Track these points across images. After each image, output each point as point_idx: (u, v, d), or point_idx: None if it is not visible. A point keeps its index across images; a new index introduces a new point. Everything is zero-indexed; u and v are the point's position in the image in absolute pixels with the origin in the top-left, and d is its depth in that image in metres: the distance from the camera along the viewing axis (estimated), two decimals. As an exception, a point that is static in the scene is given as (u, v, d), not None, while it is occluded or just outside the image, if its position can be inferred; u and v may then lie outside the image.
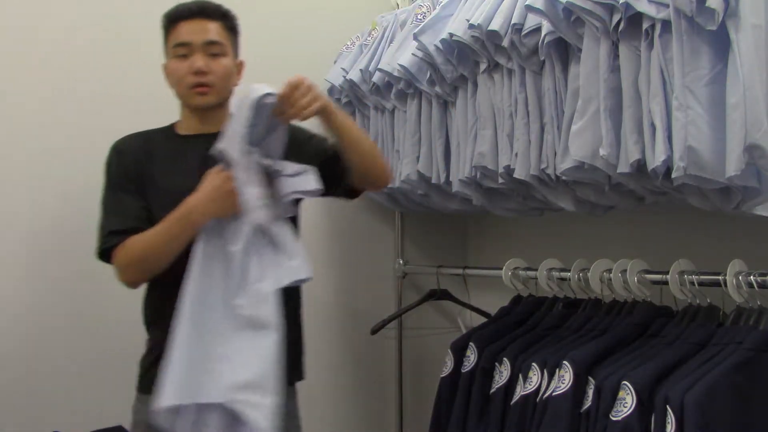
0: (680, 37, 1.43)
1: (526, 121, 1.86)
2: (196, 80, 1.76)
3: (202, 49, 1.76)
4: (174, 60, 1.78)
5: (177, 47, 1.77)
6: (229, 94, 1.83)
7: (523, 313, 2.05)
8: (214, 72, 1.77)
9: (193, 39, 1.76)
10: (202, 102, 1.79)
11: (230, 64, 1.81)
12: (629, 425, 1.48)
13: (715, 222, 1.81)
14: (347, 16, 2.64)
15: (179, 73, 1.77)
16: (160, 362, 1.65)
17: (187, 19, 1.77)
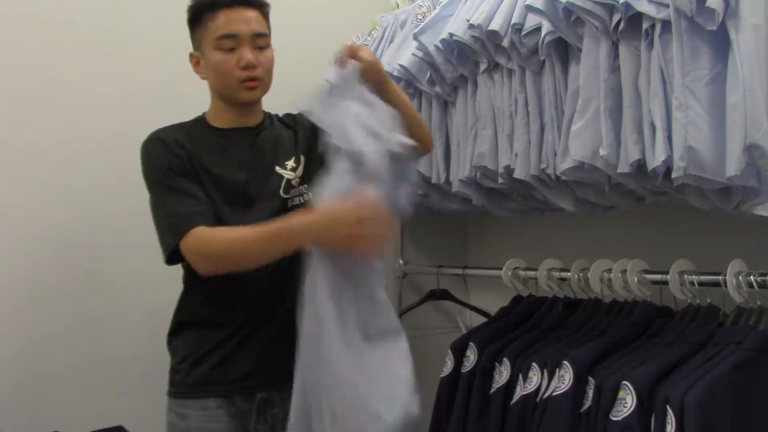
0: (680, 37, 1.43)
1: (526, 121, 1.86)
2: (247, 74, 1.69)
3: (250, 41, 1.69)
4: (218, 52, 1.69)
5: (223, 39, 1.68)
6: (270, 85, 1.79)
7: (523, 313, 2.05)
8: (262, 65, 1.71)
9: (241, 30, 1.68)
10: (251, 97, 1.74)
11: (273, 55, 1.76)
12: (629, 425, 1.48)
13: (715, 222, 1.81)
14: (347, 16, 2.64)
15: (226, 67, 1.69)
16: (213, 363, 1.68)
17: (229, 7, 1.68)
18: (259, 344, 1.72)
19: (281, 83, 2.53)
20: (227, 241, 1.61)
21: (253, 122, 1.79)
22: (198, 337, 1.73)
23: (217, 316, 1.73)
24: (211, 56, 1.70)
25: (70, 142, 2.19)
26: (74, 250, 2.17)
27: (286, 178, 1.76)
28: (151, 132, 1.75)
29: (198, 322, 1.74)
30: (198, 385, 1.70)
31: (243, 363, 1.71)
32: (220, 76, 1.71)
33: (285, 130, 1.85)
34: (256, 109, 1.80)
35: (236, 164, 1.74)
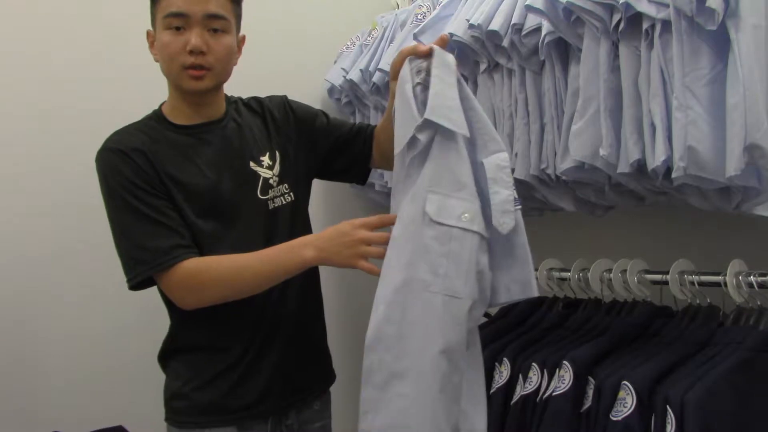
0: (680, 37, 1.43)
1: (526, 121, 1.86)
2: (192, 61, 1.49)
3: (202, 23, 1.49)
4: (165, 32, 1.50)
5: (170, 17, 1.49)
6: (227, 77, 1.60)
7: (523, 313, 2.04)
8: (213, 52, 1.51)
9: (191, 10, 1.48)
10: (196, 87, 1.53)
11: (232, 42, 1.55)
12: (629, 425, 1.48)
13: (715, 222, 1.81)
14: (347, 16, 2.64)
15: (171, 50, 1.50)
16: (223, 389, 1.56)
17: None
18: (269, 364, 1.61)
19: (281, 83, 2.54)
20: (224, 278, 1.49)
21: (216, 114, 1.60)
22: (202, 360, 1.59)
23: (219, 338, 1.59)
24: (160, 36, 1.52)
25: (70, 149, 2.18)
26: (74, 251, 2.17)
27: (262, 177, 1.60)
28: (105, 139, 1.56)
29: (199, 346, 1.60)
30: (206, 413, 1.57)
31: (255, 386, 1.60)
32: (165, 60, 1.52)
33: (254, 119, 1.66)
34: (217, 99, 1.61)
35: (203, 167, 1.56)
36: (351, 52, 2.52)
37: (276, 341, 1.63)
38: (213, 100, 1.60)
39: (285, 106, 1.74)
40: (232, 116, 1.65)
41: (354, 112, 2.55)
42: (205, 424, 1.56)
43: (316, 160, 1.75)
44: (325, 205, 2.60)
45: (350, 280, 2.50)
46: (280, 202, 1.64)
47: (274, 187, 1.63)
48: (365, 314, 1.41)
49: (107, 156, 1.53)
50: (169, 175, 1.54)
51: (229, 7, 1.54)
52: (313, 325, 1.73)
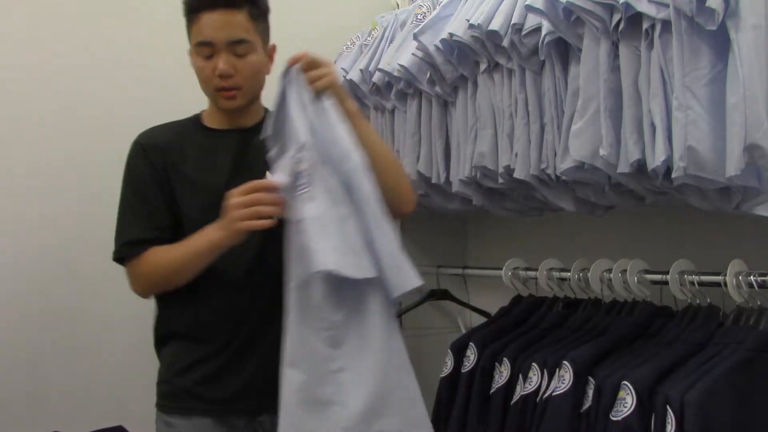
0: (680, 37, 1.43)
1: (526, 121, 1.86)
2: (222, 84, 1.63)
3: (227, 48, 1.61)
4: (197, 58, 1.65)
5: (200, 46, 1.63)
6: (260, 89, 1.72)
7: (523, 313, 2.05)
8: (240, 73, 1.63)
9: (216, 38, 1.60)
10: (230, 106, 1.68)
11: (259, 60, 1.66)
12: (629, 425, 1.48)
13: (715, 222, 1.81)
14: (347, 16, 2.64)
15: (204, 74, 1.64)
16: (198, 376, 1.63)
17: (210, 10, 1.60)
18: (252, 365, 1.64)
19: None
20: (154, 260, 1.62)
21: (248, 123, 1.72)
22: (184, 347, 1.67)
23: (203, 328, 1.66)
24: (193, 60, 1.67)
25: (67, 145, 2.19)
26: (74, 251, 2.17)
27: None
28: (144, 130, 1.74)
29: (183, 334, 1.68)
30: (184, 399, 1.64)
31: (233, 383, 1.64)
32: (200, 82, 1.68)
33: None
34: (251, 109, 1.73)
35: (220, 168, 1.67)
36: (351, 52, 2.52)
37: (262, 342, 1.64)
38: (248, 110, 1.72)
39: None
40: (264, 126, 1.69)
41: (354, 112, 2.55)
42: (187, 411, 1.63)
43: None
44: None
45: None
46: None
47: None
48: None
49: (132, 147, 1.73)
50: (180, 171, 1.67)
51: (252, 28, 1.63)
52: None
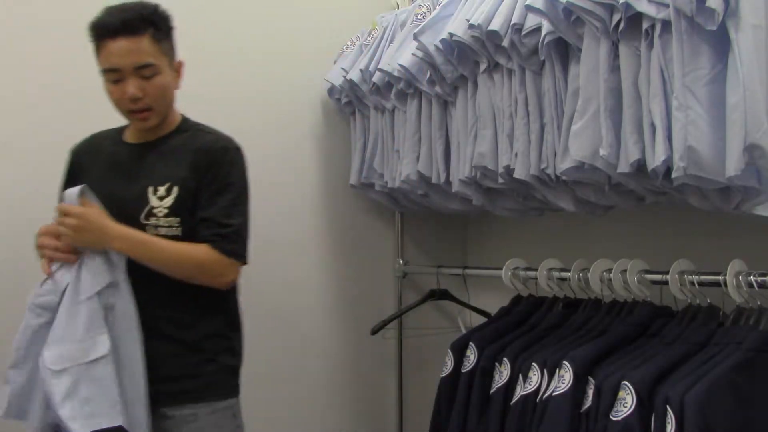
0: (680, 37, 1.43)
1: (526, 121, 1.86)
2: (134, 107, 1.69)
3: (134, 73, 1.66)
4: (107, 83, 1.70)
5: (108, 72, 1.68)
6: (171, 104, 1.78)
7: (523, 313, 2.05)
8: (149, 95, 1.69)
9: (122, 64, 1.65)
10: (145, 126, 1.75)
11: (166, 80, 1.72)
12: (629, 425, 1.48)
13: (715, 222, 1.81)
14: (347, 16, 2.64)
15: (114, 98, 1.71)
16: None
17: (112, 38, 1.64)
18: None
19: (281, 83, 2.54)
20: None
21: (154, 136, 1.79)
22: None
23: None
24: (105, 84, 1.71)
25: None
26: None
27: (150, 204, 1.72)
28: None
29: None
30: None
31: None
32: (113, 102, 1.72)
33: (181, 151, 1.78)
34: (164, 122, 1.78)
35: (115, 180, 1.76)
36: (351, 52, 2.52)
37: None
38: (158, 126, 1.78)
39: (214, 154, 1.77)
40: (168, 140, 1.80)
41: (354, 112, 2.55)
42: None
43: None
44: (325, 205, 2.61)
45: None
46: (163, 231, 1.71)
47: (158, 216, 1.71)
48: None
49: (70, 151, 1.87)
50: (90, 179, 1.75)
51: (156, 51, 1.68)
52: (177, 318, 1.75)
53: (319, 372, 2.58)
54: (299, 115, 2.57)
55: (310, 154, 2.59)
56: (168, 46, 1.74)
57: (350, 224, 2.65)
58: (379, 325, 2.50)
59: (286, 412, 2.47)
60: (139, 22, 1.65)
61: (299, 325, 2.53)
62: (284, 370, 2.49)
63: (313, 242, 2.58)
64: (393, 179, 2.36)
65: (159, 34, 1.69)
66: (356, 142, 2.55)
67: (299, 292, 2.54)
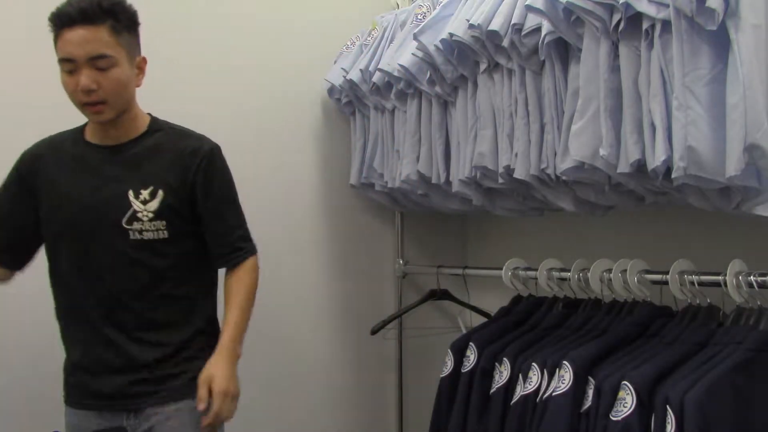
0: (680, 37, 1.43)
1: (526, 121, 1.86)
2: (87, 99, 1.63)
3: (88, 64, 1.61)
4: (62, 73, 1.65)
5: (62, 62, 1.63)
6: (130, 99, 1.71)
7: (523, 313, 2.05)
8: (104, 88, 1.63)
9: (76, 54, 1.60)
10: (98, 119, 1.69)
11: (123, 73, 1.65)
12: (629, 425, 1.48)
13: (715, 222, 1.81)
14: (347, 16, 2.64)
15: (68, 90, 1.65)
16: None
17: (69, 27, 1.60)
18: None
19: (281, 83, 2.54)
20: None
21: (121, 138, 1.74)
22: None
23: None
24: (60, 75, 1.66)
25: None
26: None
27: (133, 208, 1.69)
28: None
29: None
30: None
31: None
32: (68, 94, 1.67)
33: (161, 153, 1.75)
34: (122, 123, 1.72)
35: (83, 185, 1.72)
36: (351, 52, 2.52)
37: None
38: (121, 124, 1.72)
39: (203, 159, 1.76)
40: (139, 142, 1.76)
41: (354, 112, 2.55)
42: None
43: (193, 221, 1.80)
44: (325, 205, 2.61)
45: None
46: (149, 236, 1.71)
47: (143, 221, 1.70)
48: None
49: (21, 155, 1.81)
50: (51, 181, 1.74)
51: (113, 39, 1.63)
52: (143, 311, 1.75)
53: (319, 372, 2.57)
54: (299, 115, 2.57)
55: (310, 154, 2.59)
56: (129, 40, 1.67)
57: (350, 224, 2.65)
58: (379, 325, 2.50)
59: (285, 412, 2.47)
60: (98, 12, 1.60)
61: (299, 325, 2.53)
62: (284, 370, 2.49)
63: (313, 242, 2.58)
64: (393, 179, 2.36)
65: (118, 27, 1.64)
66: (356, 142, 2.55)
67: (299, 292, 2.54)
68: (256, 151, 2.44)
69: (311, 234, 2.58)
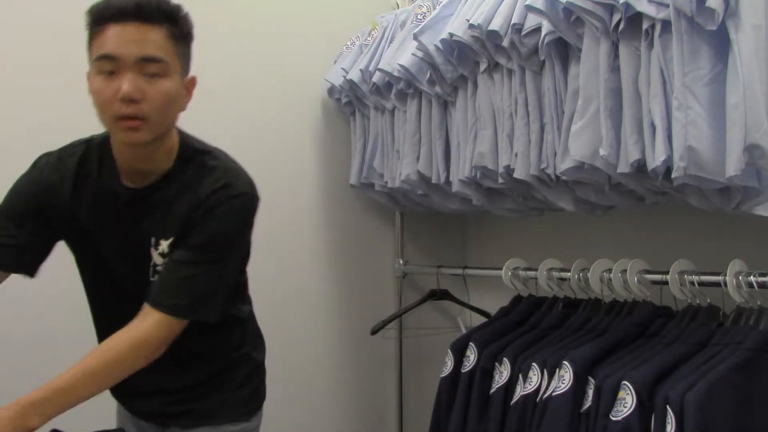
0: (680, 37, 1.43)
1: (526, 121, 1.86)
2: (124, 111, 1.31)
3: (136, 66, 1.31)
4: (97, 77, 1.33)
5: (100, 60, 1.32)
6: (172, 124, 1.42)
7: (523, 313, 2.05)
8: (149, 100, 1.32)
9: (122, 52, 1.30)
10: (130, 139, 1.35)
11: (173, 87, 1.36)
12: (629, 425, 1.48)
13: (715, 222, 1.81)
14: (347, 16, 2.64)
15: (102, 98, 1.32)
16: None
17: (119, 22, 1.31)
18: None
19: (281, 83, 2.54)
20: None
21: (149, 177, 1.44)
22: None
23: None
24: (92, 81, 1.35)
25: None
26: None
27: (153, 261, 1.46)
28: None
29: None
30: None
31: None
32: (98, 109, 1.35)
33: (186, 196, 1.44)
34: (159, 156, 1.43)
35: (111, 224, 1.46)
36: (351, 52, 2.52)
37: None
38: (153, 156, 1.43)
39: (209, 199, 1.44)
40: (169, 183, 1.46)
41: (354, 112, 2.55)
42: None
43: None
44: (325, 205, 2.61)
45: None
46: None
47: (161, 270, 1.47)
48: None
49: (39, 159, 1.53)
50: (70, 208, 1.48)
51: (170, 48, 1.35)
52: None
53: (319, 372, 2.57)
54: (299, 116, 2.57)
55: (310, 154, 2.59)
56: (184, 52, 1.41)
57: (350, 224, 2.65)
58: (379, 325, 2.50)
59: (285, 412, 2.46)
60: (155, 12, 1.33)
61: (299, 325, 2.53)
62: (284, 369, 2.49)
63: (313, 242, 2.58)
64: (393, 179, 2.36)
65: (177, 33, 1.37)
66: (356, 142, 2.55)
67: (299, 292, 2.54)
68: (256, 151, 2.43)
69: (311, 234, 2.58)
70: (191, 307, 1.42)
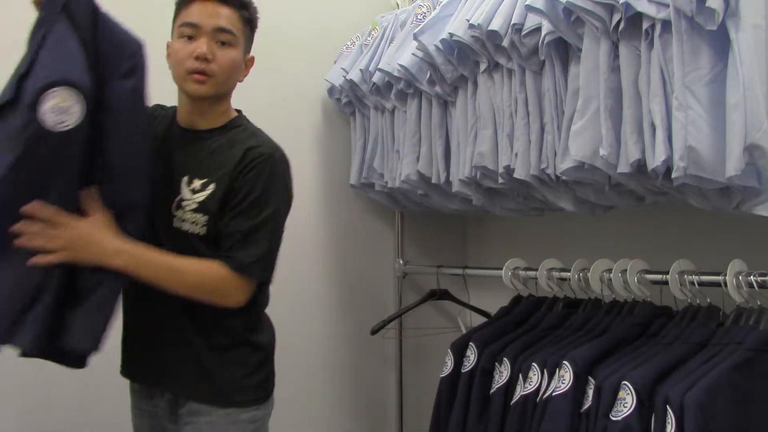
0: (680, 37, 1.43)
1: (526, 121, 1.86)
2: (197, 66, 1.63)
3: (211, 34, 1.64)
4: (178, 40, 1.66)
5: (184, 27, 1.65)
6: (231, 88, 1.72)
7: (523, 313, 2.05)
8: (218, 61, 1.64)
9: (203, 21, 1.64)
10: (198, 91, 1.65)
11: (238, 56, 1.68)
12: (629, 425, 1.48)
13: (715, 222, 1.81)
14: (347, 16, 2.64)
15: (180, 55, 1.64)
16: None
17: (203, 1, 1.65)
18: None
19: (281, 83, 2.54)
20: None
21: (203, 125, 1.71)
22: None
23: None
24: (173, 44, 1.69)
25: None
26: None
27: (181, 195, 1.65)
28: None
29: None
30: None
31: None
32: (174, 64, 1.67)
33: (229, 151, 1.67)
34: (214, 111, 1.71)
35: (164, 164, 1.69)
36: (351, 52, 2.52)
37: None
38: (211, 110, 1.71)
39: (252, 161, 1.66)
40: (215, 135, 1.71)
41: (354, 112, 2.55)
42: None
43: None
44: (325, 205, 2.61)
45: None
46: (185, 227, 1.64)
47: (185, 210, 1.64)
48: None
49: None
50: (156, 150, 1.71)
51: (239, 25, 1.68)
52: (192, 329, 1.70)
53: (319, 372, 2.58)
54: (299, 115, 2.57)
55: (310, 154, 2.59)
56: (248, 35, 1.72)
57: (350, 224, 2.65)
58: (379, 325, 2.50)
59: (285, 412, 2.46)
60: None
61: (299, 324, 2.53)
62: (283, 369, 2.49)
63: (313, 242, 2.58)
64: (393, 179, 2.36)
65: (246, 16, 1.70)
66: (356, 142, 2.55)
67: (299, 291, 2.54)
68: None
69: (311, 234, 2.58)
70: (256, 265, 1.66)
